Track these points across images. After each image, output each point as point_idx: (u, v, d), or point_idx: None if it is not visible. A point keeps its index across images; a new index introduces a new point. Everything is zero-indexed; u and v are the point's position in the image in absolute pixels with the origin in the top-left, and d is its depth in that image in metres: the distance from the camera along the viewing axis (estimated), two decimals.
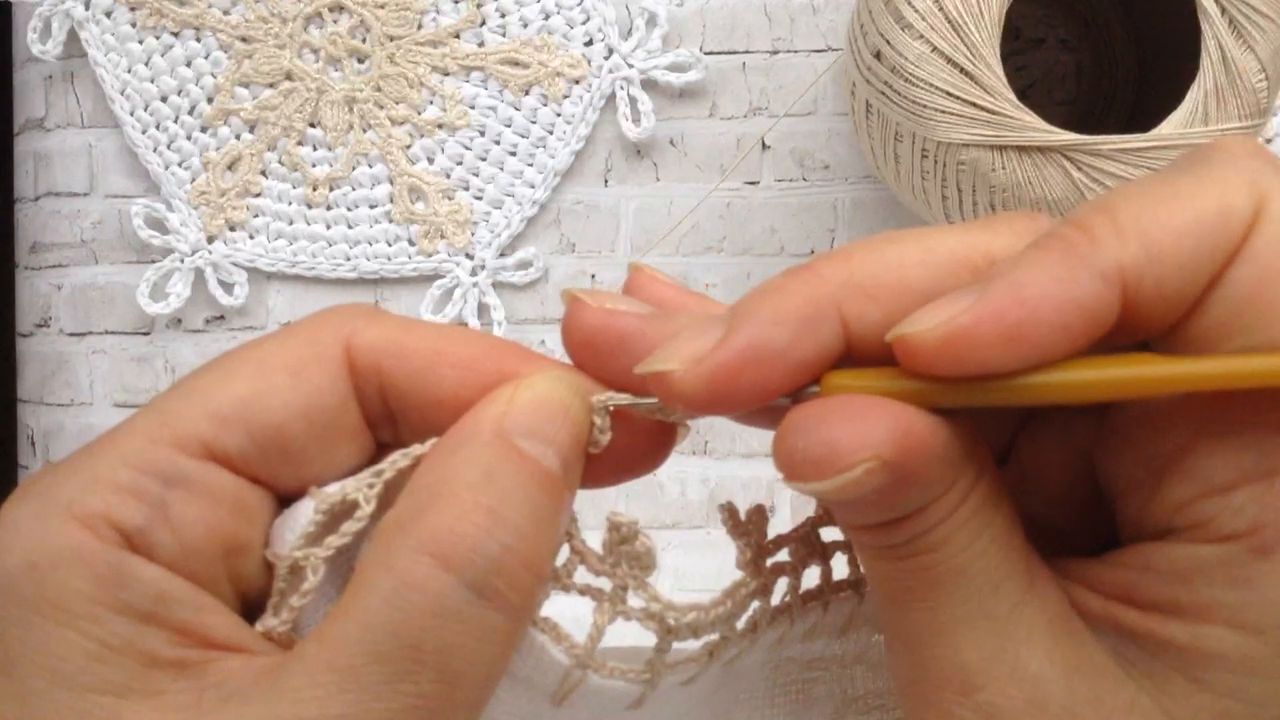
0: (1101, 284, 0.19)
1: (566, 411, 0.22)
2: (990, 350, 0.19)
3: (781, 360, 0.20)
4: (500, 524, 0.20)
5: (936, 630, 0.21)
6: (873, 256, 0.21)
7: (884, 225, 0.63)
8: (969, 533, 0.21)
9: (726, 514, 0.24)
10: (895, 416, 0.19)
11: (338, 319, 0.24)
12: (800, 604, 0.25)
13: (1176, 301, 0.19)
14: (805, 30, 0.63)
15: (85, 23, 0.63)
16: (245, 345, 0.23)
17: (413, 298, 0.64)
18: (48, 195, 0.66)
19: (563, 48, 0.63)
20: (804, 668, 0.26)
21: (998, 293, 0.19)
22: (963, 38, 0.47)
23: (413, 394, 0.23)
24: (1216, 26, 0.46)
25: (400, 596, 0.20)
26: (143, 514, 0.21)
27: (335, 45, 0.63)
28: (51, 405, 0.66)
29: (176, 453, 0.21)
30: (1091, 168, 0.47)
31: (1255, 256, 0.19)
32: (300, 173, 0.63)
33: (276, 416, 0.22)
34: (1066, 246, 0.19)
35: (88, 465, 0.21)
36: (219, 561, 0.22)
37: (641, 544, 0.23)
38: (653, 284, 0.24)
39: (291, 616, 0.22)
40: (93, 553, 0.20)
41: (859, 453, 0.19)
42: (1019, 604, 0.21)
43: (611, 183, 0.64)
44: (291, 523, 0.22)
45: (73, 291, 0.66)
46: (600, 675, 0.23)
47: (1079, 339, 0.19)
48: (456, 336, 0.23)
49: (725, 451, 0.64)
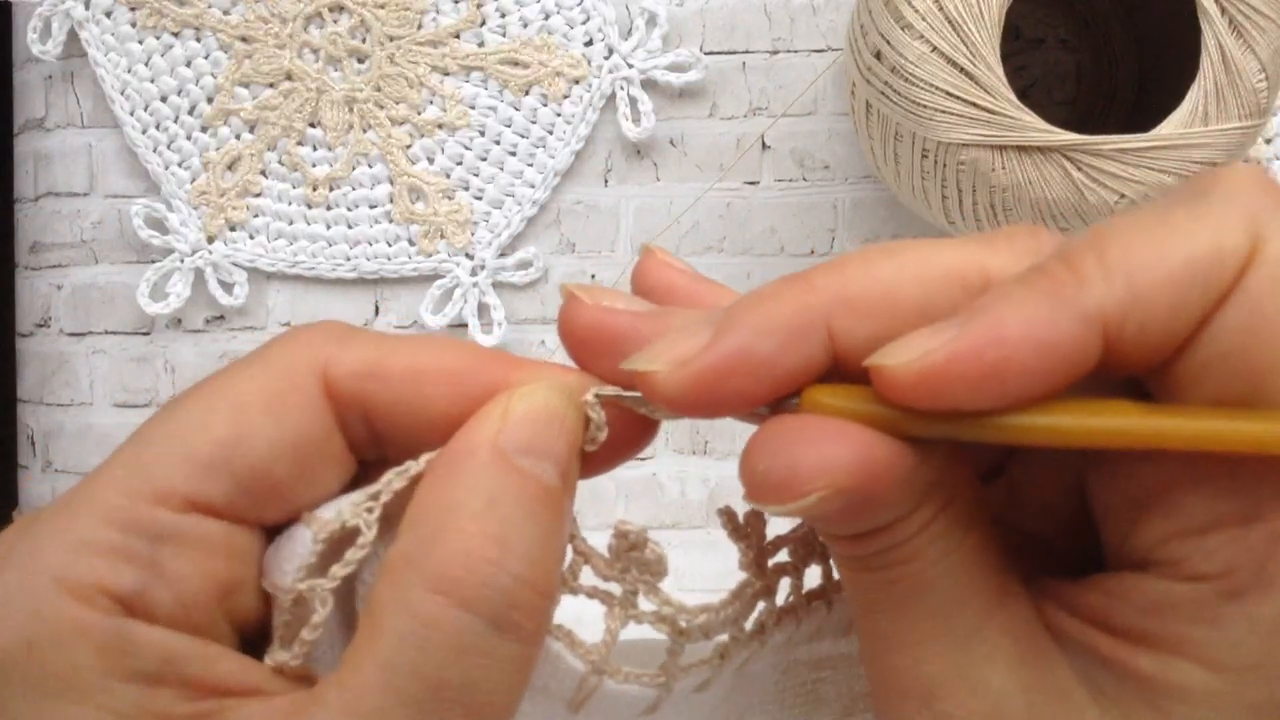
0: (1082, 329, 0.18)
1: (562, 421, 0.22)
2: (964, 389, 0.18)
3: (766, 369, 0.20)
4: (509, 553, 0.20)
5: (901, 640, 0.21)
6: (867, 270, 0.20)
7: (884, 225, 0.63)
8: (936, 551, 0.21)
9: (725, 518, 0.24)
10: (857, 442, 0.19)
11: (309, 346, 0.23)
12: (805, 603, 0.25)
13: (1162, 343, 0.19)
14: (805, 30, 0.63)
15: (85, 23, 0.63)
16: (215, 380, 0.22)
17: (413, 298, 0.64)
18: (48, 195, 0.66)
19: (563, 48, 0.63)
20: (812, 668, 0.26)
21: (975, 331, 0.18)
22: (963, 38, 0.47)
23: (399, 416, 0.22)
24: (1216, 26, 0.46)
25: (418, 636, 0.19)
26: (136, 576, 0.20)
27: (335, 45, 0.63)
28: (51, 405, 0.66)
29: (159, 508, 0.21)
30: (1091, 168, 0.47)
31: (1246, 299, 0.18)
32: (300, 173, 0.63)
33: (260, 458, 0.21)
34: (1049, 286, 0.19)
35: (67, 528, 0.21)
36: (217, 607, 0.21)
37: (652, 551, 0.23)
38: (663, 269, 0.24)
39: (304, 650, 0.21)
40: (92, 625, 0.20)
41: (816, 480, 0.19)
42: (985, 621, 0.21)
43: (611, 183, 0.64)
44: (287, 552, 0.22)
45: (73, 291, 0.66)
46: (615, 681, 0.23)
47: (1057, 381, 0.19)
48: (436, 350, 0.23)
49: (725, 451, 0.64)
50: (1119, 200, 0.48)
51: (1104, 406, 0.19)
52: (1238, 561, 0.19)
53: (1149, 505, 0.20)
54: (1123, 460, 0.21)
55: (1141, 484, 0.20)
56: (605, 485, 0.63)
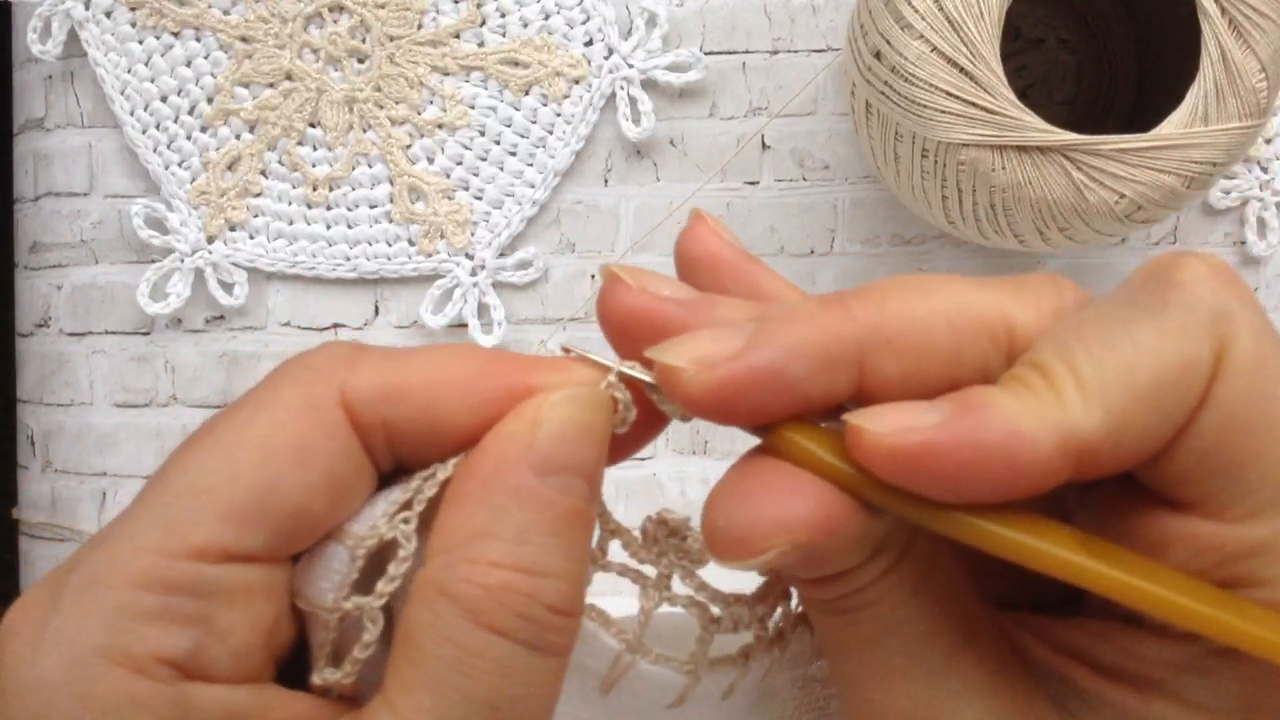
0: (1056, 453, 0.18)
1: (590, 433, 0.21)
2: (930, 478, 0.19)
3: (791, 391, 0.20)
4: (543, 584, 0.20)
5: (871, 678, 0.21)
6: (905, 308, 0.20)
7: (884, 225, 0.63)
8: (897, 596, 0.21)
9: None
10: (814, 500, 0.19)
11: (322, 375, 0.22)
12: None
13: (1137, 458, 0.19)
14: (805, 30, 0.63)
15: (85, 23, 0.63)
16: (233, 420, 0.21)
17: (413, 298, 0.64)
18: (48, 195, 0.66)
19: (563, 48, 0.63)
20: (824, 685, 0.27)
21: (956, 428, 0.18)
22: (963, 38, 0.47)
23: (421, 433, 0.22)
24: (1216, 26, 0.46)
25: (464, 664, 0.20)
26: (189, 638, 0.20)
27: (335, 45, 0.63)
28: (51, 405, 0.66)
29: (200, 564, 0.20)
30: (1091, 168, 0.47)
31: (1217, 408, 0.19)
32: (300, 173, 0.63)
33: (295, 503, 0.21)
34: (1034, 404, 0.19)
35: (104, 596, 0.20)
36: (265, 649, 0.21)
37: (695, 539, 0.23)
38: (712, 238, 0.23)
39: (355, 669, 0.21)
40: (151, 697, 0.19)
41: (772, 538, 0.19)
42: (954, 657, 0.21)
43: (611, 183, 0.64)
44: (323, 570, 0.22)
45: (73, 291, 0.66)
46: (647, 661, 0.23)
47: (1019, 494, 0.19)
48: (449, 360, 0.22)
49: (725, 452, 0.64)
50: (1119, 200, 0.48)
51: (1052, 532, 0.19)
52: None
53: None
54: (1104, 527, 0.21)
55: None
56: (605, 485, 0.63)
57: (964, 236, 0.55)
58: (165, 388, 0.65)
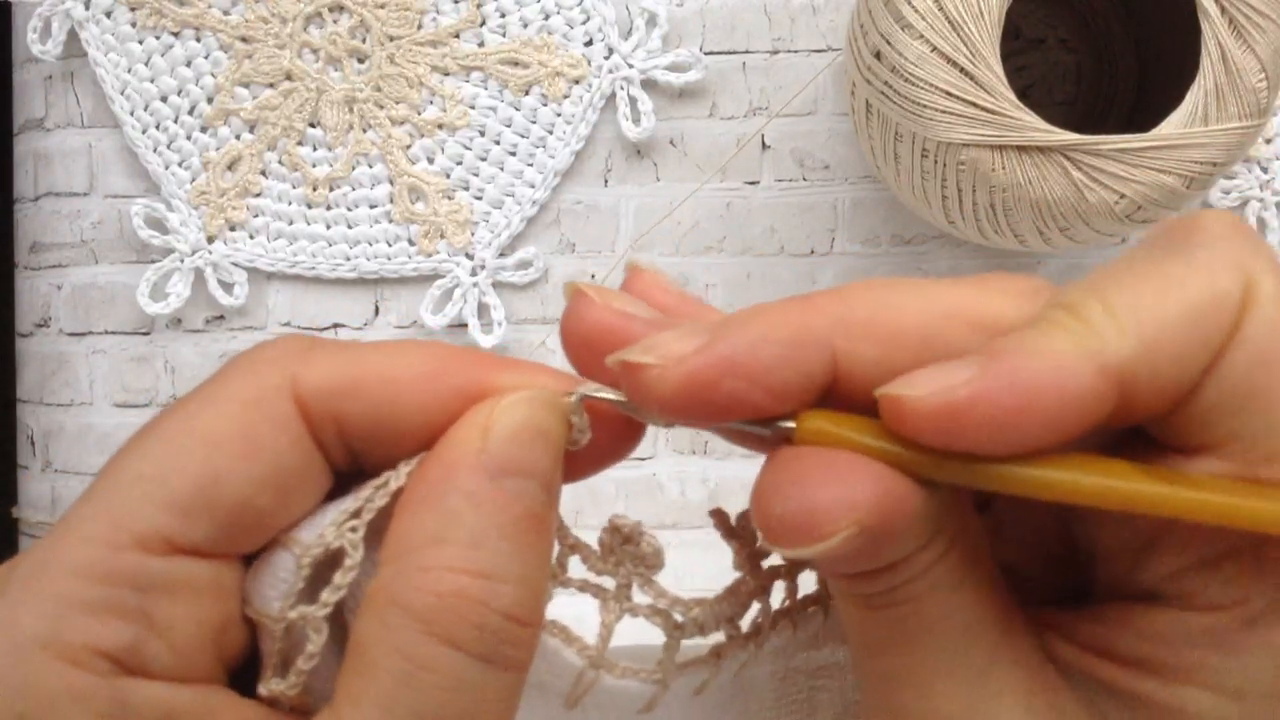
0: (1101, 380, 0.18)
1: (545, 435, 0.21)
2: (981, 431, 0.18)
3: (763, 378, 0.19)
4: (498, 590, 0.20)
5: (909, 678, 0.21)
6: (871, 296, 0.20)
7: (884, 225, 0.63)
8: (946, 587, 0.20)
9: (716, 520, 0.24)
10: (875, 480, 0.19)
11: (274, 366, 0.21)
12: (800, 608, 0.25)
13: (1172, 391, 0.19)
14: (805, 30, 0.63)
15: (85, 23, 0.63)
16: (181, 412, 0.21)
17: (413, 298, 0.64)
18: (48, 195, 0.66)
19: (563, 48, 0.63)
20: (810, 676, 0.26)
21: (999, 373, 0.18)
22: (963, 38, 0.47)
23: (374, 429, 0.21)
24: (1216, 26, 0.46)
25: (413, 678, 0.19)
26: (129, 631, 0.19)
27: (335, 45, 0.63)
28: (51, 405, 0.66)
29: (143, 555, 0.20)
30: (1091, 168, 0.47)
31: (1247, 342, 0.19)
32: (300, 173, 0.63)
33: (240, 495, 0.20)
34: (1069, 336, 0.18)
35: (47, 586, 0.19)
36: (211, 649, 0.21)
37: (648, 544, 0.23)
38: (652, 289, 0.23)
39: (300, 680, 0.21)
40: (89, 690, 0.19)
41: (839, 521, 0.18)
42: (994, 656, 0.20)
43: (611, 183, 0.64)
44: (269, 579, 0.21)
45: (73, 291, 0.66)
46: (613, 676, 0.23)
47: (1071, 432, 0.18)
48: (406, 356, 0.22)
49: (725, 451, 0.64)
50: (1119, 200, 0.48)
51: (1110, 467, 0.19)
52: (1253, 589, 0.19)
53: (1156, 541, 0.20)
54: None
55: (1147, 523, 0.20)
56: (605, 486, 0.63)
57: (964, 236, 0.55)
58: (165, 388, 0.65)
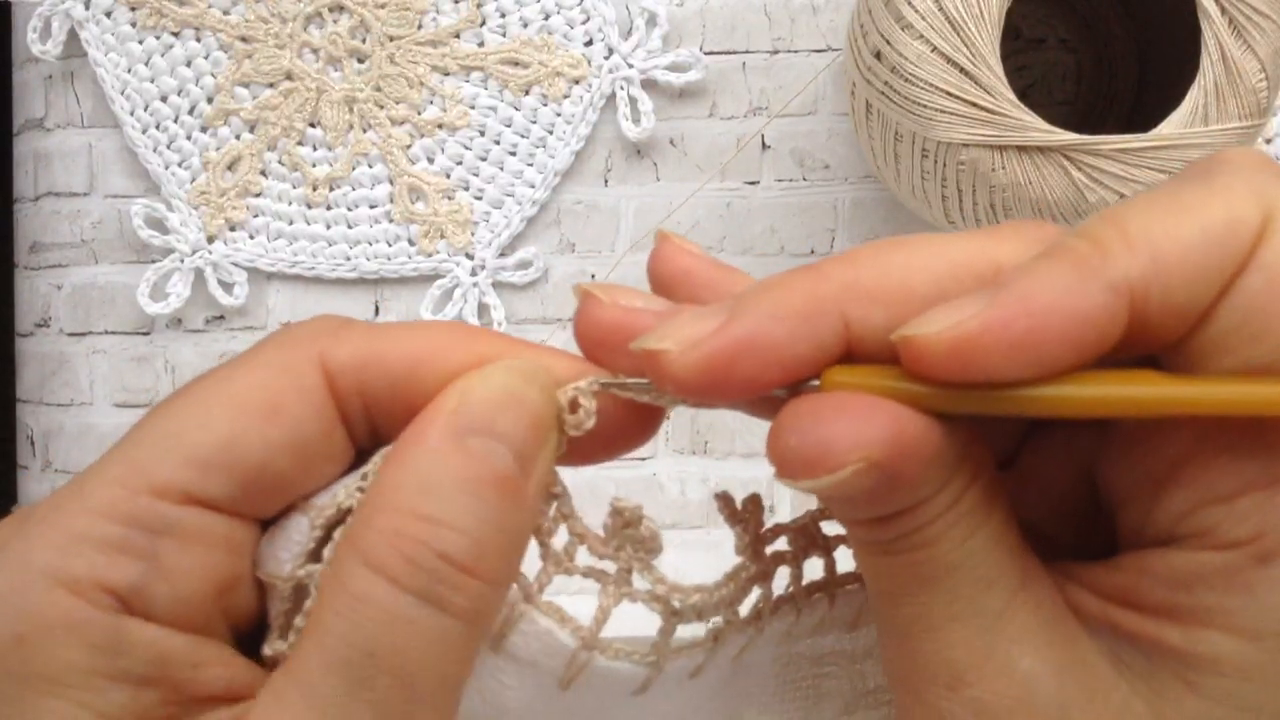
0: (1111, 296, 0.18)
1: (521, 402, 0.21)
2: (996, 358, 0.18)
3: (778, 354, 0.20)
4: (438, 532, 0.20)
5: (927, 625, 0.21)
6: (879, 259, 0.20)
7: (884, 225, 0.63)
8: (961, 532, 0.20)
9: (722, 503, 0.24)
10: (889, 417, 0.19)
11: (306, 340, 0.23)
12: (804, 595, 0.25)
13: (1185, 313, 0.19)
14: (805, 30, 0.63)
15: (85, 23, 0.63)
16: (212, 377, 0.22)
17: (413, 298, 0.64)
18: (48, 195, 0.66)
19: (563, 48, 0.63)
20: (814, 663, 0.26)
21: (1007, 301, 0.18)
22: (963, 38, 0.47)
23: (397, 403, 0.22)
24: (1216, 26, 0.46)
25: (350, 609, 0.20)
26: (135, 570, 0.20)
27: (335, 45, 0.63)
28: (51, 405, 0.66)
29: (159, 501, 0.20)
30: (1091, 168, 0.47)
31: (1263, 267, 0.19)
32: (300, 173, 0.63)
33: (260, 456, 0.21)
34: (1076, 258, 0.19)
35: (62, 521, 0.20)
36: (215, 603, 0.21)
37: (647, 528, 0.23)
38: (679, 254, 0.23)
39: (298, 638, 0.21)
40: (86, 621, 0.19)
41: (850, 453, 0.19)
42: (1011, 602, 0.21)
43: (611, 183, 0.64)
44: (284, 540, 0.22)
45: (73, 291, 0.66)
46: (606, 658, 0.23)
47: (1086, 352, 0.19)
48: (430, 333, 0.23)
49: (725, 451, 0.64)
50: (1119, 200, 0.48)
51: (1130, 376, 0.19)
52: (1269, 524, 0.19)
53: (1172, 478, 0.20)
54: (1142, 436, 0.21)
55: (1163, 457, 0.20)
56: (605, 485, 0.63)
57: None
58: (165, 388, 0.65)
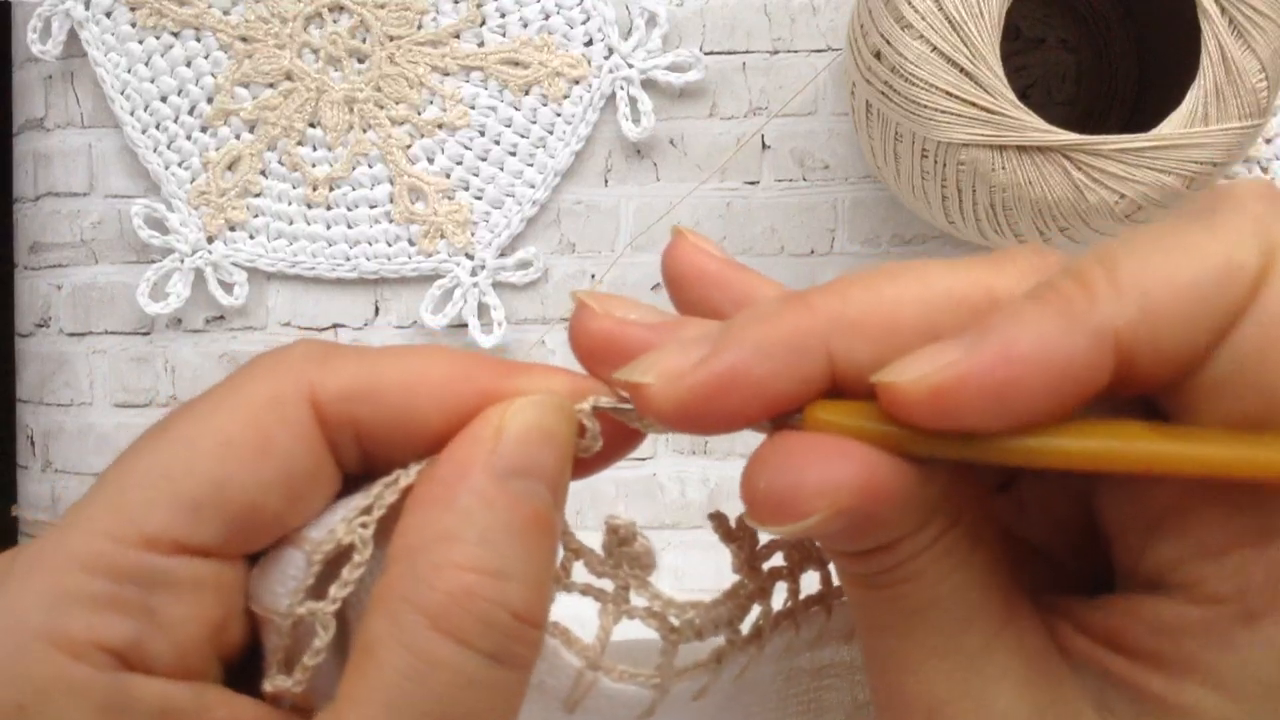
0: (1094, 346, 0.18)
1: (555, 439, 0.21)
2: (975, 408, 0.18)
3: (760, 390, 0.19)
4: (507, 588, 0.20)
5: (906, 659, 0.21)
6: (867, 292, 0.20)
7: (884, 225, 0.63)
8: (941, 570, 0.20)
9: (715, 523, 0.24)
10: (859, 463, 0.19)
11: (292, 369, 0.22)
12: (802, 609, 0.25)
13: (1175, 360, 0.18)
14: (805, 30, 0.63)
15: (85, 23, 0.63)
16: (197, 411, 0.21)
17: (413, 298, 0.64)
18: (47, 195, 0.66)
19: (563, 48, 0.63)
20: (814, 676, 0.26)
21: (985, 349, 0.18)
22: (963, 38, 0.47)
23: (391, 434, 0.22)
24: (1216, 26, 0.46)
25: (420, 674, 0.19)
26: (131, 627, 0.20)
27: (335, 45, 0.63)
28: (51, 405, 0.66)
29: (149, 552, 0.20)
30: (1091, 168, 0.47)
31: (1261, 315, 0.18)
32: (300, 173, 0.63)
33: (251, 497, 0.21)
34: (1061, 303, 0.18)
35: (52, 579, 0.19)
36: (210, 647, 0.21)
37: (640, 545, 0.23)
38: (694, 253, 0.23)
39: (307, 677, 0.21)
40: (88, 684, 0.19)
41: (816, 500, 0.19)
42: (992, 641, 0.20)
43: (611, 183, 0.64)
44: (278, 575, 0.21)
45: (72, 291, 0.66)
46: (611, 680, 0.23)
47: (1068, 401, 0.18)
48: (424, 361, 0.22)
49: (725, 451, 0.64)
50: (1119, 200, 0.48)
51: (1115, 429, 0.19)
52: (1254, 583, 0.19)
53: (1162, 526, 0.20)
54: (1134, 481, 0.20)
55: (1154, 505, 0.20)
56: (605, 486, 0.63)
57: (964, 236, 0.55)
58: (165, 388, 0.65)
